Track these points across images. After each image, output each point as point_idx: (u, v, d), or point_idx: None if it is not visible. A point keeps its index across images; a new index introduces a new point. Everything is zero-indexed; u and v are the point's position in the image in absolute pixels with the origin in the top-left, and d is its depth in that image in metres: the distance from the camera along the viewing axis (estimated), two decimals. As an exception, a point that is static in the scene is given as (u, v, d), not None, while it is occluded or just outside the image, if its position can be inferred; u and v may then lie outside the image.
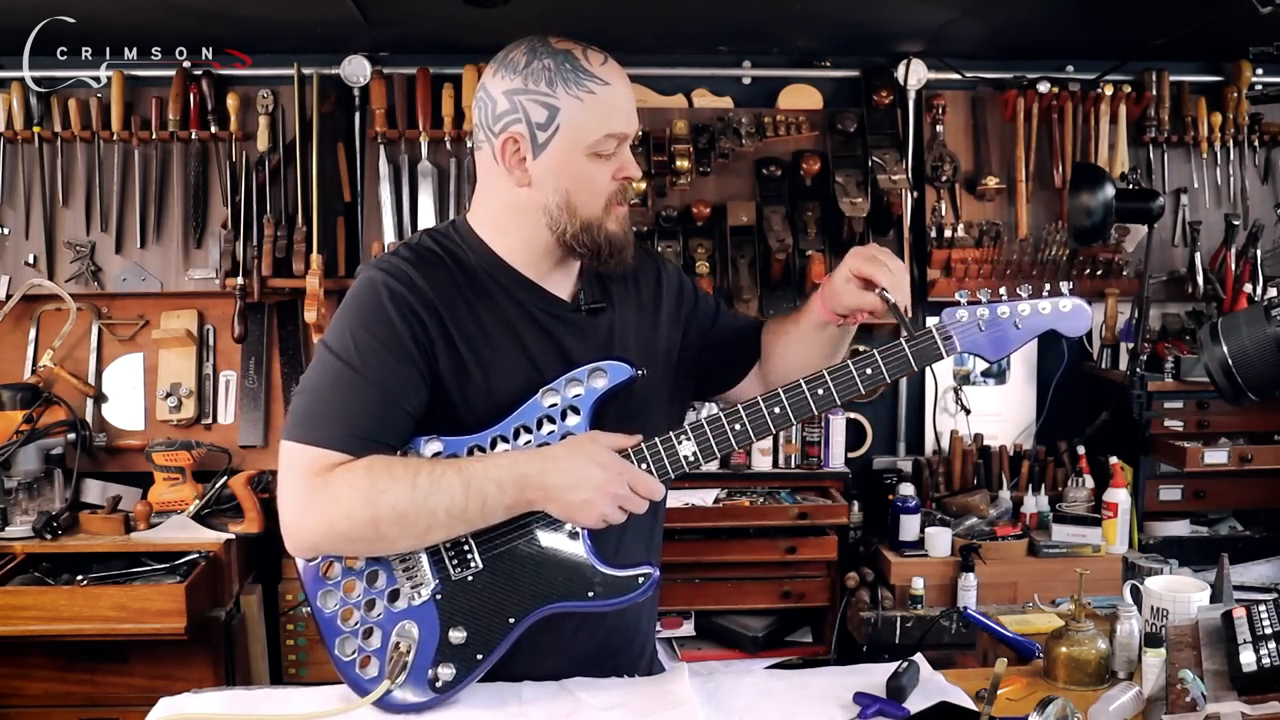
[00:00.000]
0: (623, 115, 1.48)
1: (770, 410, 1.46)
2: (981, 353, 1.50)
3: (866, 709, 1.44)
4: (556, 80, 1.45)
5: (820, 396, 1.46)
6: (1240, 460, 3.07)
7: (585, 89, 1.45)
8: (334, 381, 1.41)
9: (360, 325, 1.44)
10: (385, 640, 1.44)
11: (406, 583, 1.44)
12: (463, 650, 1.43)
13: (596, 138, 1.46)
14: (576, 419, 1.46)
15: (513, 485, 1.38)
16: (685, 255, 3.23)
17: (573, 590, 1.45)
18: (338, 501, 1.36)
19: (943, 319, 1.49)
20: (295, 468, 1.39)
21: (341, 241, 3.25)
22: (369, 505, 1.35)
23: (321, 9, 2.78)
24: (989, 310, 1.48)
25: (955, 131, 3.39)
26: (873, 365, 1.47)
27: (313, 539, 1.39)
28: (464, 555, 1.44)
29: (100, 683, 2.69)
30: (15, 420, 2.92)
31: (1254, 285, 3.27)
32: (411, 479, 1.37)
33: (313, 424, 1.40)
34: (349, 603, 1.45)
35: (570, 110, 1.45)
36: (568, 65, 1.46)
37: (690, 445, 1.45)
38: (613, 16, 2.91)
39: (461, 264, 1.51)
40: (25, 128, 3.11)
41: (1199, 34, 2.99)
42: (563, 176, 1.47)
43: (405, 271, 1.46)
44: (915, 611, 2.91)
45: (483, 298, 1.50)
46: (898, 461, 3.46)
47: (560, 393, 1.47)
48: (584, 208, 1.49)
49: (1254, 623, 1.49)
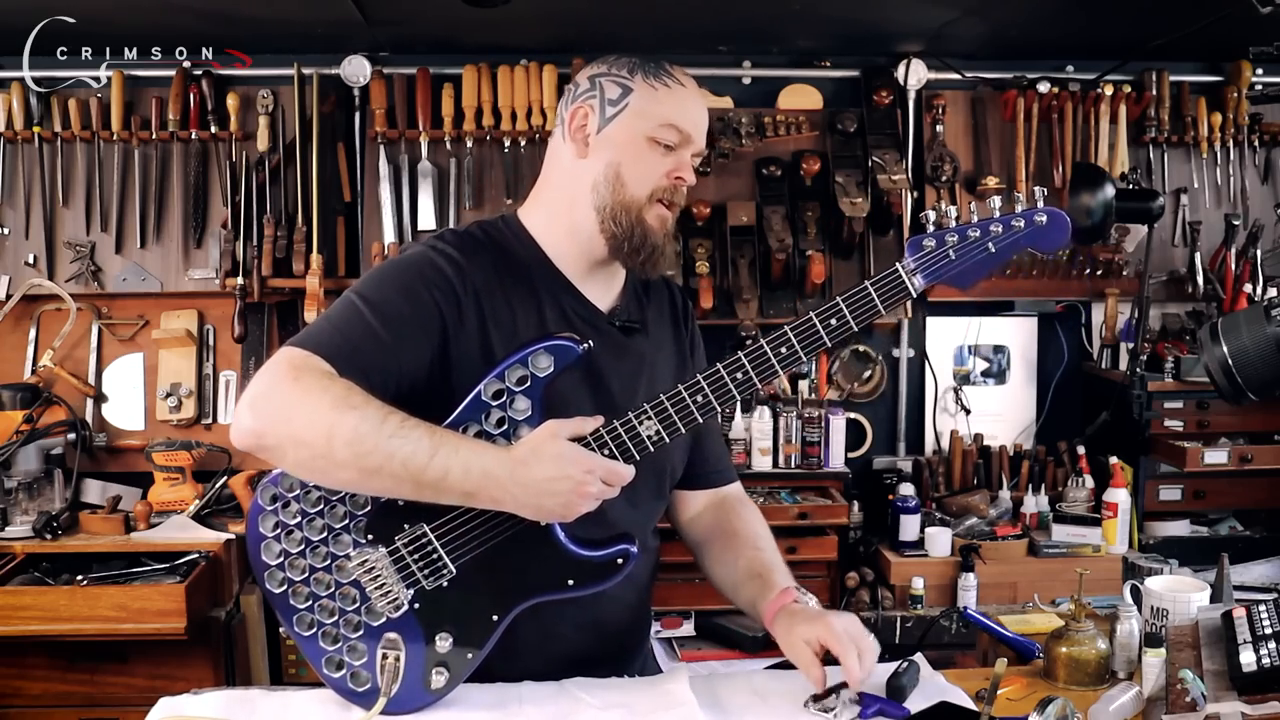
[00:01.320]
0: (689, 116, 1.52)
1: (733, 375, 1.39)
2: (955, 283, 1.37)
3: (866, 709, 1.44)
4: (638, 70, 1.52)
5: (785, 355, 1.39)
6: (1240, 460, 3.07)
7: (661, 82, 1.51)
8: (344, 312, 1.41)
9: (391, 279, 1.44)
10: (371, 654, 1.42)
11: (382, 599, 1.41)
12: (451, 653, 1.42)
13: (659, 123, 1.49)
14: (525, 406, 1.40)
15: (480, 476, 1.32)
16: (685, 255, 3.23)
17: (551, 581, 1.43)
18: (306, 396, 1.30)
19: (908, 252, 1.38)
20: (278, 360, 1.35)
21: (341, 241, 3.25)
22: (333, 412, 1.29)
23: (321, 9, 2.78)
24: (958, 234, 1.36)
25: (955, 131, 3.39)
26: (837, 315, 1.38)
27: (263, 424, 1.32)
28: (434, 564, 1.41)
29: (100, 683, 2.68)
30: (15, 420, 2.92)
31: (1254, 285, 3.27)
32: (384, 414, 1.31)
33: (311, 337, 1.38)
34: (325, 623, 1.43)
35: (642, 93, 1.50)
36: (652, 64, 1.54)
37: (653, 424, 1.39)
38: (613, 16, 2.91)
39: (508, 255, 1.52)
40: (25, 128, 3.12)
41: (1199, 34, 2.99)
42: (618, 150, 1.50)
43: (452, 253, 1.47)
44: (915, 611, 2.91)
45: (521, 291, 1.50)
46: (898, 461, 3.46)
47: (504, 381, 1.40)
48: (630, 185, 1.49)
49: (1254, 623, 1.49)
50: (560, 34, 3.06)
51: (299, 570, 1.43)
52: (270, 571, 1.44)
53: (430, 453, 1.31)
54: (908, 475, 3.32)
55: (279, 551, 1.43)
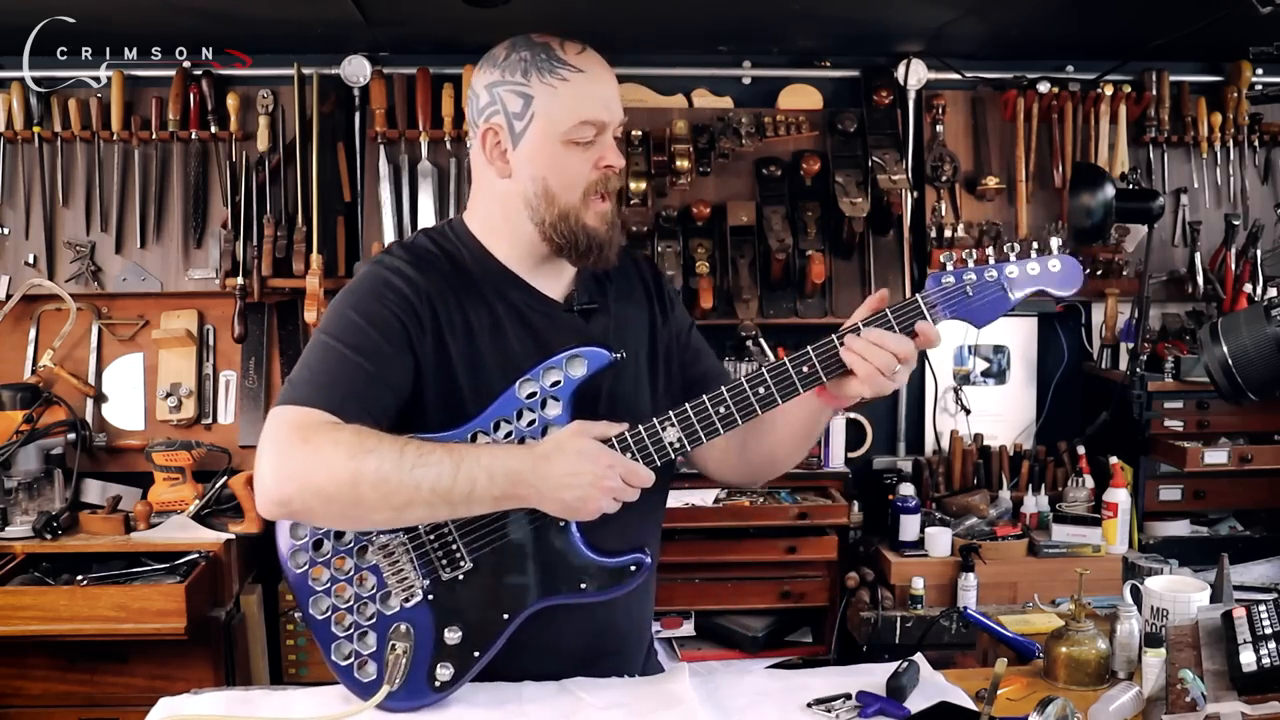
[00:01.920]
0: (598, 102, 1.48)
1: (755, 390, 1.43)
2: (970, 319, 1.44)
3: (867, 709, 1.44)
4: (531, 70, 1.48)
5: (806, 374, 1.43)
6: (1240, 460, 3.07)
7: (559, 76, 1.47)
8: (323, 355, 1.42)
9: (352, 308, 1.45)
10: (380, 643, 1.44)
11: (397, 585, 1.44)
12: (459, 649, 1.43)
13: (571, 124, 1.46)
14: (556, 408, 1.44)
15: (504, 478, 1.35)
16: (685, 255, 3.23)
17: (565, 583, 1.44)
18: (320, 453, 1.32)
19: (928, 286, 1.44)
20: (280, 424, 1.36)
21: (341, 241, 3.25)
22: (352, 460, 1.31)
23: (321, 9, 2.78)
24: (976, 275, 1.43)
25: (955, 131, 3.39)
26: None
27: (287, 490, 1.34)
28: (452, 555, 1.44)
29: (100, 683, 2.68)
30: (15, 420, 2.92)
31: (1254, 285, 3.27)
32: (400, 447, 1.34)
33: (301, 390, 1.39)
34: (340, 607, 1.45)
35: (544, 97, 1.47)
36: (543, 55, 1.48)
37: (675, 431, 1.43)
38: (613, 16, 2.91)
39: (456, 262, 1.53)
40: (25, 128, 3.11)
41: (1199, 34, 2.99)
42: (539, 165, 1.48)
43: (400, 267, 1.48)
44: (915, 611, 2.91)
45: (473, 295, 1.50)
46: (898, 461, 3.46)
47: (538, 382, 1.45)
48: (561, 195, 1.49)
49: (1254, 623, 1.49)
50: (560, 34, 3.06)
51: (322, 552, 1.45)
52: (295, 552, 1.46)
53: (454, 471, 1.34)
54: (908, 475, 3.32)
55: (306, 532, 1.46)
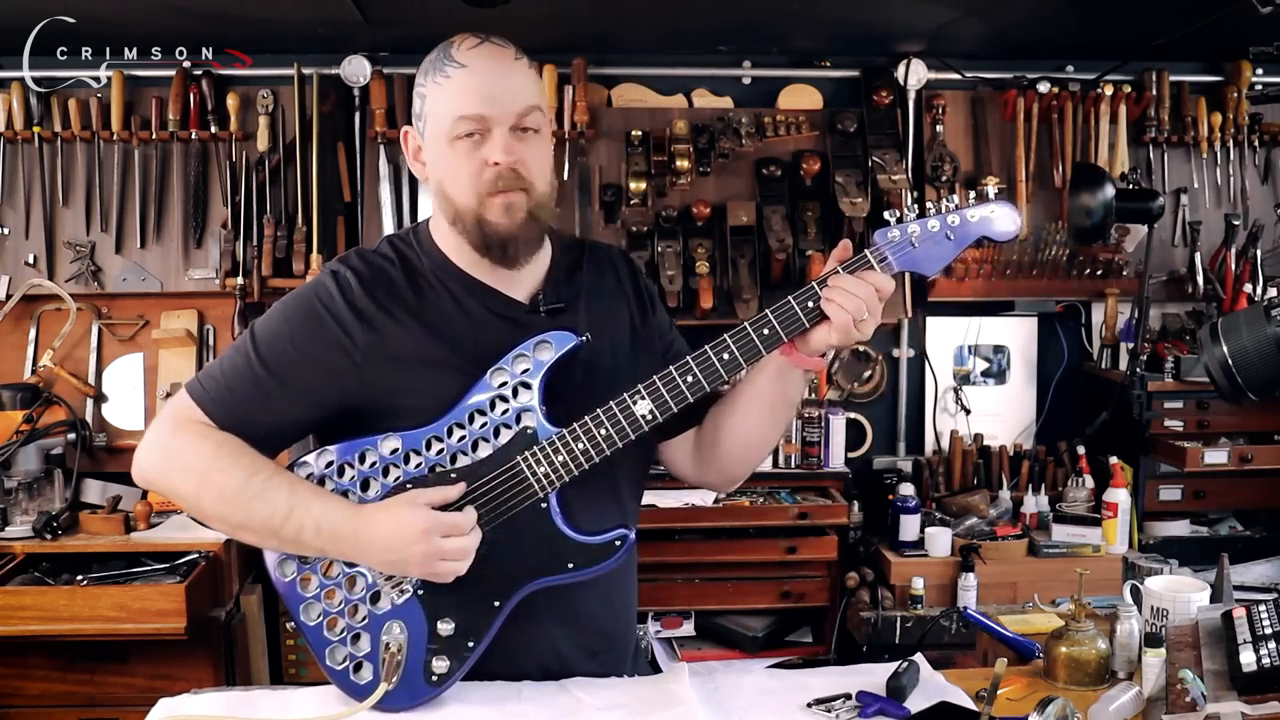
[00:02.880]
0: (477, 97, 1.42)
1: (719, 356, 1.43)
2: (919, 269, 1.46)
3: (867, 709, 1.44)
4: (428, 70, 1.47)
5: (766, 336, 1.43)
6: (1240, 460, 3.07)
7: (443, 74, 1.45)
8: (235, 361, 1.46)
9: (283, 318, 1.47)
10: (374, 643, 1.44)
11: (386, 584, 1.44)
12: (453, 641, 1.43)
13: (450, 122, 1.43)
14: (529, 394, 1.44)
15: (327, 534, 1.39)
16: (685, 255, 3.23)
17: (551, 564, 1.44)
18: (181, 452, 1.42)
19: (875, 240, 1.44)
20: (171, 406, 1.47)
21: (341, 241, 3.25)
22: (203, 473, 1.41)
23: (321, 9, 2.78)
24: (919, 226, 1.44)
25: (955, 131, 3.39)
26: (813, 297, 1.44)
27: (151, 474, 1.46)
28: None
29: (100, 683, 2.68)
30: (15, 420, 2.92)
31: (1254, 285, 3.27)
32: (249, 474, 1.40)
33: (200, 386, 1.46)
34: (332, 612, 1.45)
35: (432, 96, 1.46)
36: (439, 54, 1.47)
37: (646, 404, 1.42)
38: (613, 17, 2.90)
39: (411, 269, 1.51)
40: (25, 128, 3.11)
41: (1199, 34, 2.99)
42: (435, 166, 1.48)
43: (348, 277, 1.47)
44: (915, 611, 2.91)
45: (426, 301, 1.49)
46: (898, 461, 3.46)
47: (508, 370, 1.44)
48: (456, 197, 1.46)
49: (1254, 623, 1.49)
50: (560, 34, 3.05)
51: (310, 559, 1.46)
52: (283, 561, 1.47)
53: (286, 513, 1.39)
54: (908, 475, 3.32)
55: None
